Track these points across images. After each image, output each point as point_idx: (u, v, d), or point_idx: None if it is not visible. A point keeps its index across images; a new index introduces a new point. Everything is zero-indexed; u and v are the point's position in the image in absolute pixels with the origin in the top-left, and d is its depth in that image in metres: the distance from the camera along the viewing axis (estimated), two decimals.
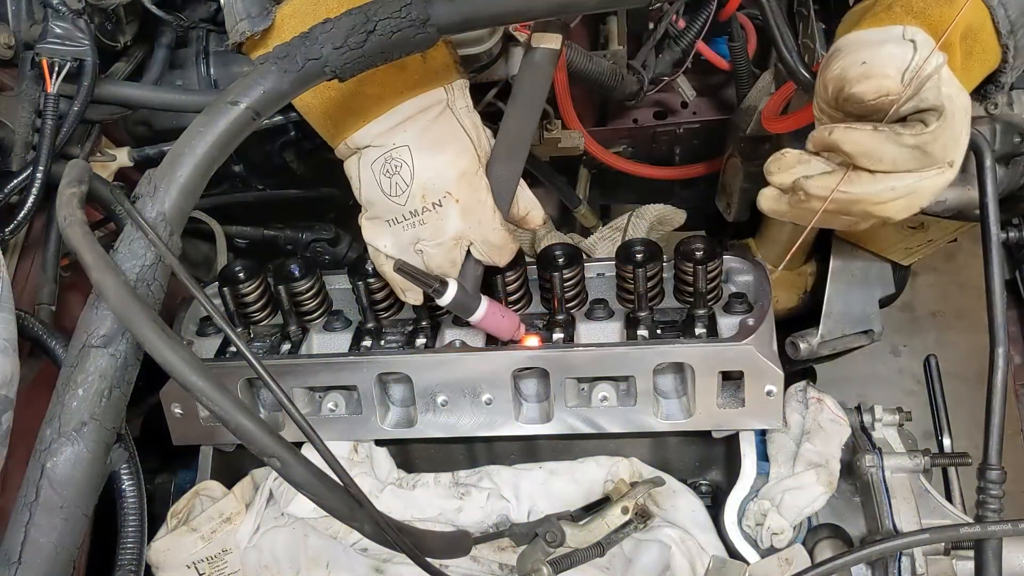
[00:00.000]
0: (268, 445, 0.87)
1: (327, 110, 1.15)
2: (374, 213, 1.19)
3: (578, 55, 1.45)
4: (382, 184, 1.16)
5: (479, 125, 1.20)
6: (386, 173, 1.15)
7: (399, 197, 1.16)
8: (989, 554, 1.11)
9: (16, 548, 0.88)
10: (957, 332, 2.74)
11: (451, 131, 1.16)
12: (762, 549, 1.20)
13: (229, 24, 1.13)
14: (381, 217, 1.19)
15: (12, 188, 1.26)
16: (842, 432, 1.24)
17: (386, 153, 1.15)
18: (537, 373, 1.26)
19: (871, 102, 0.96)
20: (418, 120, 1.14)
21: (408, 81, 1.13)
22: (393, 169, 1.15)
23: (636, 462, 1.27)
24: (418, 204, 1.15)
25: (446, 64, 1.16)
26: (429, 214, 1.16)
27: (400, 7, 0.97)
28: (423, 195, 1.15)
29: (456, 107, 1.17)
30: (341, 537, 1.26)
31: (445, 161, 1.15)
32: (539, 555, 1.13)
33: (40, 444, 0.91)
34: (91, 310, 0.93)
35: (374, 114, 1.14)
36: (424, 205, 1.15)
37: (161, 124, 1.60)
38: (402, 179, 1.15)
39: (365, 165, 1.17)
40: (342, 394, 1.31)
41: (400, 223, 1.17)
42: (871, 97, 0.96)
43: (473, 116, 1.19)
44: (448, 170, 1.15)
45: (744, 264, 1.34)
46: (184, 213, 0.97)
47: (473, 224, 1.17)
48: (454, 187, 1.15)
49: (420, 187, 1.15)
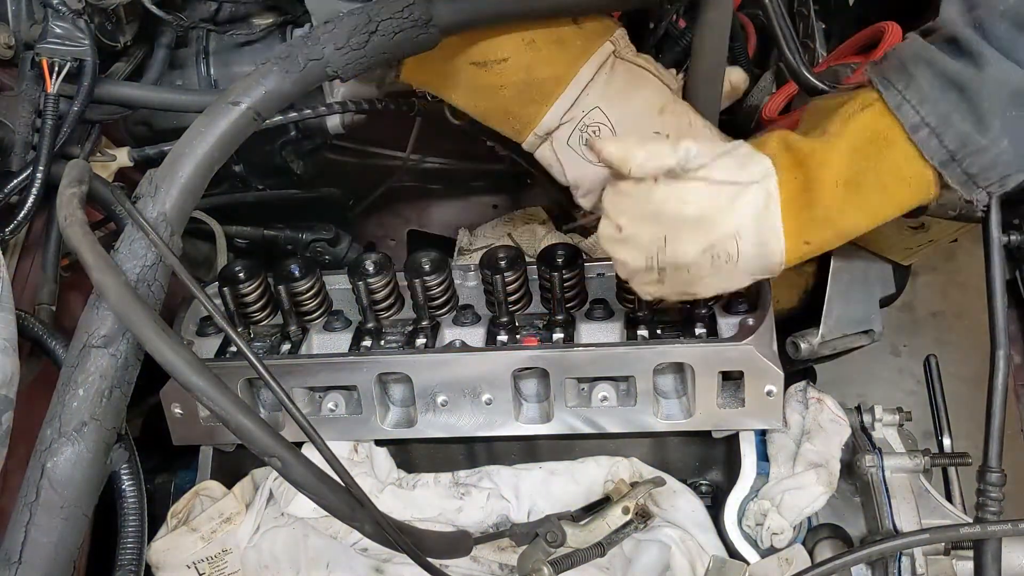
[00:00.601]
0: (268, 445, 0.87)
1: (506, 108, 1.12)
2: (587, 188, 1.16)
3: None
4: (586, 155, 1.12)
5: (652, 60, 1.16)
6: (586, 143, 1.11)
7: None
8: (989, 554, 1.11)
9: (16, 548, 0.88)
10: (957, 332, 2.74)
11: (632, 75, 1.13)
12: (762, 549, 1.20)
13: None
14: (596, 188, 1.15)
15: (12, 188, 1.26)
16: (842, 432, 1.24)
17: (579, 123, 1.11)
18: (537, 373, 1.26)
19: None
20: (597, 81, 1.11)
21: (574, 51, 1.10)
22: (593, 135, 1.11)
23: (636, 462, 1.27)
24: None
25: (602, 21, 1.13)
26: None
27: (402, 7, 0.97)
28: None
29: (624, 54, 1.14)
30: (341, 537, 1.26)
31: (640, 103, 1.11)
32: (540, 555, 1.13)
33: (40, 444, 0.91)
34: (92, 310, 0.93)
35: (555, 94, 1.10)
36: None
37: (161, 124, 1.59)
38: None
39: (560, 145, 1.13)
40: (342, 394, 1.31)
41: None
42: (615, 159, 0.98)
43: (644, 56, 1.16)
44: (647, 111, 1.11)
45: None
46: (185, 213, 0.97)
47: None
48: (660, 123, 1.12)
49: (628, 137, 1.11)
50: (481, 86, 1.10)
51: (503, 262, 1.31)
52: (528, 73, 1.09)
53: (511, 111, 1.13)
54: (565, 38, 1.09)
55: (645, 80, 1.12)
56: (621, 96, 1.11)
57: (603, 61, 1.11)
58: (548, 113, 1.11)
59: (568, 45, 1.10)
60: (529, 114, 1.12)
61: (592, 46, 1.11)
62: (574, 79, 1.10)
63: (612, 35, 1.13)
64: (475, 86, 1.10)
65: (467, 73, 1.09)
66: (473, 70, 1.09)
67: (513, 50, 1.08)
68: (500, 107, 1.13)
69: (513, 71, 1.08)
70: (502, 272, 1.29)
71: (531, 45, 1.08)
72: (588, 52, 1.10)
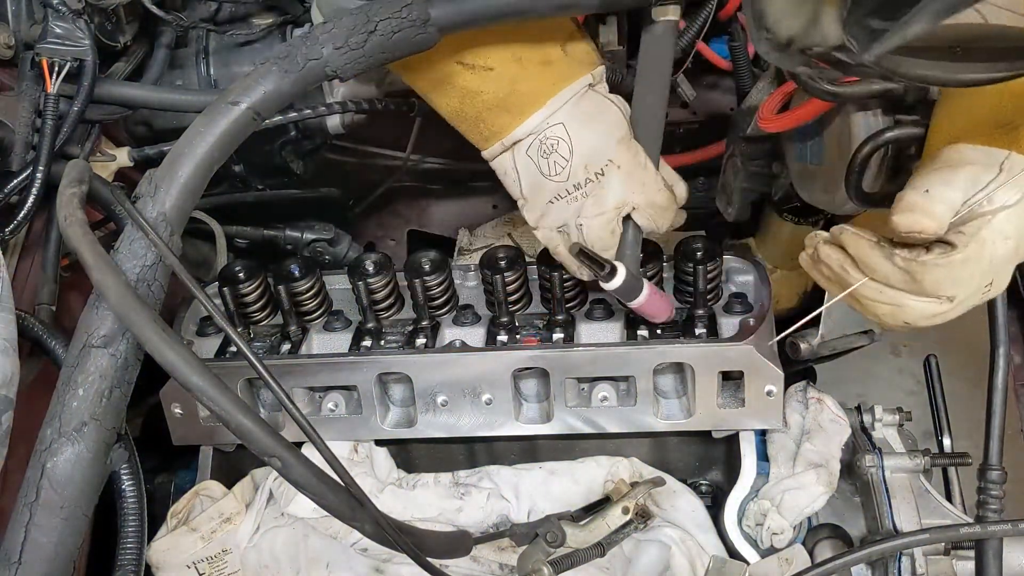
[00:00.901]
0: (268, 445, 0.87)
1: (479, 114, 1.15)
2: (535, 199, 1.18)
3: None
4: (540, 166, 1.15)
5: (623, 101, 1.20)
6: (543, 154, 1.14)
7: (559, 174, 1.15)
8: (990, 554, 1.11)
9: (16, 548, 0.88)
10: (957, 332, 2.73)
11: (601, 104, 1.16)
12: (762, 549, 1.20)
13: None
14: (542, 200, 1.17)
15: (12, 188, 1.26)
16: (842, 432, 1.24)
17: (540, 136, 1.14)
18: (537, 373, 1.26)
19: (904, 233, 0.94)
20: (568, 103, 1.14)
21: (557, 74, 1.13)
22: (550, 148, 1.14)
23: (636, 462, 1.27)
24: (580, 176, 1.14)
25: (588, 53, 1.17)
26: (592, 185, 1.15)
27: (400, 7, 0.97)
28: (585, 166, 1.14)
29: (598, 88, 1.17)
30: (341, 537, 1.26)
31: (603, 129, 1.14)
32: (540, 555, 1.13)
33: (40, 444, 0.91)
34: (91, 310, 0.93)
35: (530, 110, 1.13)
36: (587, 176, 1.14)
37: (161, 124, 1.60)
38: (560, 156, 1.14)
39: (520, 154, 1.16)
40: (342, 394, 1.31)
41: (562, 199, 1.16)
42: (903, 230, 0.94)
43: (615, 95, 1.19)
44: (607, 137, 1.14)
45: (744, 264, 1.35)
46: (185, 213, 0.97)
47: (636, 188, 1.16)
48: (615, 153, 1.14)
49: (581, 158, 1.14)
50: (461, 86, 1.12)
51: (503, 262, 1.31)
52: (510, 86, 1.12)
53: (483, 118, 1.15)
54: (552, 60, 1.13)
55: (610, 112, 1.16)
56: (584, 119, 1.14)
57: (580, 89, 1.14)
58: (519, 126, 1.14)
59: (553, 67, 1.13)
60: (501, 124, 1.15)
61: (575, 73, 1.14)
62: (551, 99, 1.13)
63: (594, 69, 1.17)
64: (455, 84, 1.12)
65: (450, 69, 1.11)
66: (458, 68, 1.10)
67: (500, 62, 1.10)
68: (474, 112, 1.15)
69: (496, 81, 1.11)
70: (502, 272, 1.29)
71: (519, 62, 1.11)
72: (570, 78, 1.14)
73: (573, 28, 1.15)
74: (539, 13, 1.07)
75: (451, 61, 1.10)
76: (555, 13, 1.09)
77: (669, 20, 1.16)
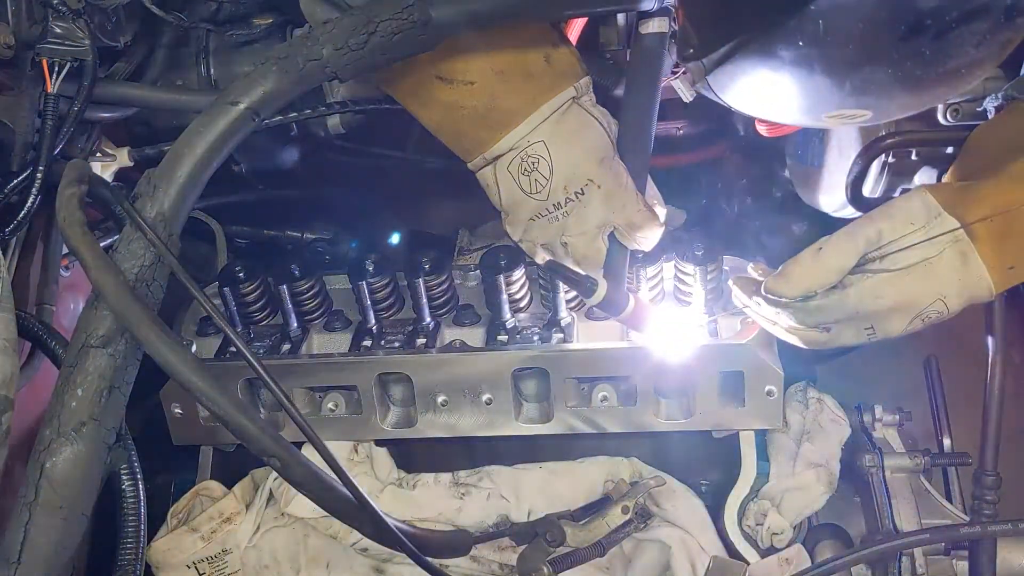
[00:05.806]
0: (268, 445, 0.87)
1: (460, 128, 1.14)
2: (516, 215, 1.18)
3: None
4: (521, 184, 1.14)
5: (608, 115, 1.19)
6: (524, 172, 1.14)
7: (540, 193, 1.14)
8: (984, 555, 1.11)
9: (16, 548, 0.88)
10: (957, 332, 2.73)
11: (583, 121, 1.15)
12: (762, 549, 1.20)
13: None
14: (524, 217, 1.17)
15: (12, 188, 1.26)
16: (842, 432, 1.24)
17: (521, 153, 1.14)
18: (537, 373, 1.26)
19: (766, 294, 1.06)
20: (550, 119, 1.13)
21: (540, 87, 1.12)
22: (531, 167, 1.13)
23: (636, 462, 1.27)
24: (560, 196, 1.14)
25: (571, 64, 1.15)
26: (572, 204, 1.14)
27: (401, 8, 0.97)
28: (565, 186, 1.13)
29: (582, 102, 1.16)
30: (341, 537, 1.26)
31: (583, 149, 1.13)
32: (539, 555, 1.13)
33: (40, 444, 0.91)
34: (91, 310, 0.93)
35: (512, 124, 1.13)
36: (567, 196, 1.14)
37: (161, 124, 1.59)
38: (540, 175, 1.13)
39: (501, 170, 1.15)
40: (342, 394, 1.31)
41: (543, 217, 1.16)
42: (765, 290, 1.06)
43: (600, 108, 1.18)
44: (587, 157, 1.13)
45: (744, 264, 1.34)
46: (184, 213, 0.97)
47: (617, 208, 1.15)
48: (595, 173, 1.13)
49: (561, 178, 1.13)
50: (441, 100, 1.11)
51: (503, 262, 1.31)
52: (491, 100, 1.11)
53: (464, 132, 1.15)
54: (534, 73, 1.11)
55: (592, 130, 1.15)
56: (566, 136, 1.13)
57: (563, 103, 1.13)
58: (499, 142, 1.13)
59: (535, 81, 1.12)
60: (481, 138, 1.14)
61: (558, 86, 1.13)
62: (532, 115, 1.12)
63: (578, 81, 1.15)
64: (435, 99, 1.11)
65: (430, 85, 1.10)
66: (437, 84, 1.10)
67: (481, 76, 1.09)
68: (454, 126, 1.14)
69: (477, 96, 1.10)
70: (502, 272, 1.29)
71: (500, 76, 1.09)
72: (552, 91, 1.13)
73: (556, 38, 1.14)
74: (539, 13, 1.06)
75: (431, 75, 1.10)
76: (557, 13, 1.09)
77: (654, 33, 1.15)
